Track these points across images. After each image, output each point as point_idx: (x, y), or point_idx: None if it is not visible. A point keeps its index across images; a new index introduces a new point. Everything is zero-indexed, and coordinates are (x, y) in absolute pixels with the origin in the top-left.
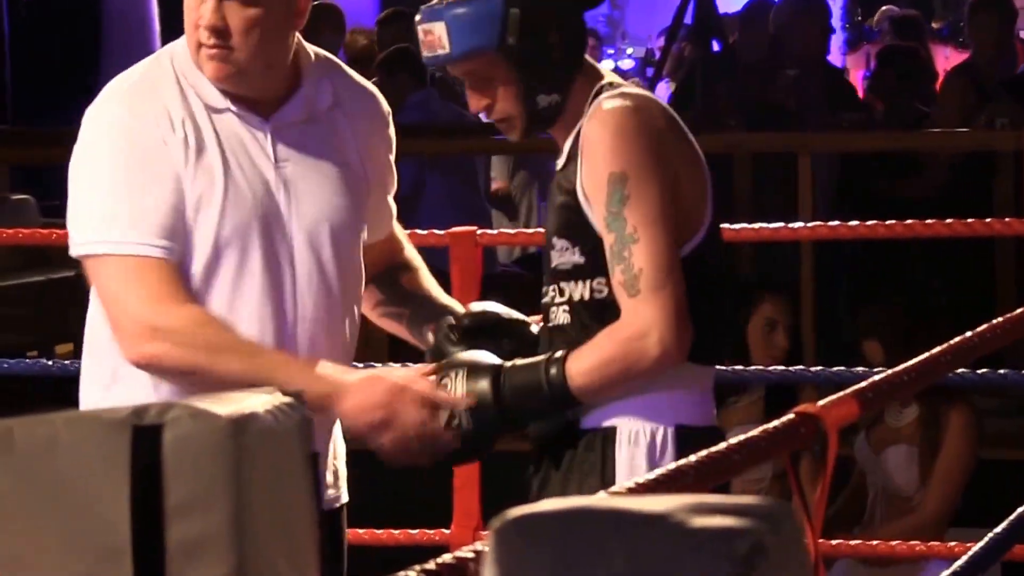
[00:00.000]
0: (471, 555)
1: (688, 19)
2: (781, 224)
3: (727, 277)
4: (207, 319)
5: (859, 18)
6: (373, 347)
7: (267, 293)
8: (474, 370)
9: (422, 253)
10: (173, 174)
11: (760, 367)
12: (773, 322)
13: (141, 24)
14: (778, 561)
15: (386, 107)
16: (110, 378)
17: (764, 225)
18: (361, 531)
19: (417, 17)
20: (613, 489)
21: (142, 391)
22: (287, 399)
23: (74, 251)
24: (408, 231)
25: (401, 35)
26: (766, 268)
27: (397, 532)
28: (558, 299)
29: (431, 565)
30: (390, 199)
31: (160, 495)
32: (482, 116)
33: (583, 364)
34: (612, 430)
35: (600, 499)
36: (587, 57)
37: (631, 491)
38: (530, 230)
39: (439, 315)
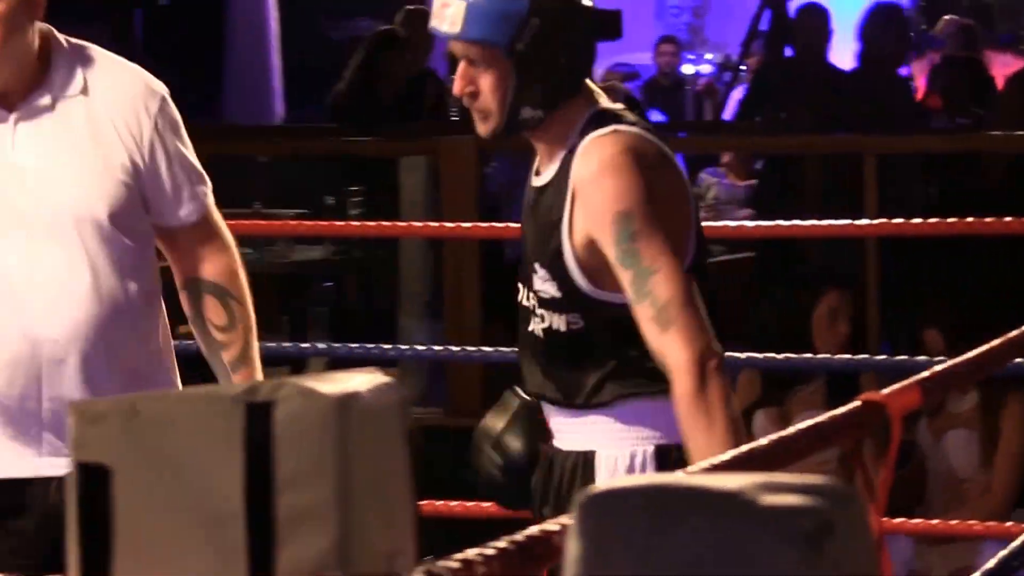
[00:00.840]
0: (557, 528)
1: (763, 26)
2: (847, 221)
3: (711, 300)
4: None
5: (924, 27)
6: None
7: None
8: None
9: (517, 248)
10: None
11: (825, 355)
12: (836, 312)
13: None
14: (844, 538)
15: (153, 89)
16: None
17: (831, 222)
18: (453, 503)
19: None
20: (690, 469)
21: None
22: (388, 379)
23: None
24: (503, 224)
25: None
26: (832, 262)
27: (486, 504)
28: (537, 310)
29: (520, 537)
30: (182, 187)
31: (271, 467)
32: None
33: (704, 454)
34: (592, 455)
35: (677, 477)
36: (588, 85)
37: (706, 471)
38: None
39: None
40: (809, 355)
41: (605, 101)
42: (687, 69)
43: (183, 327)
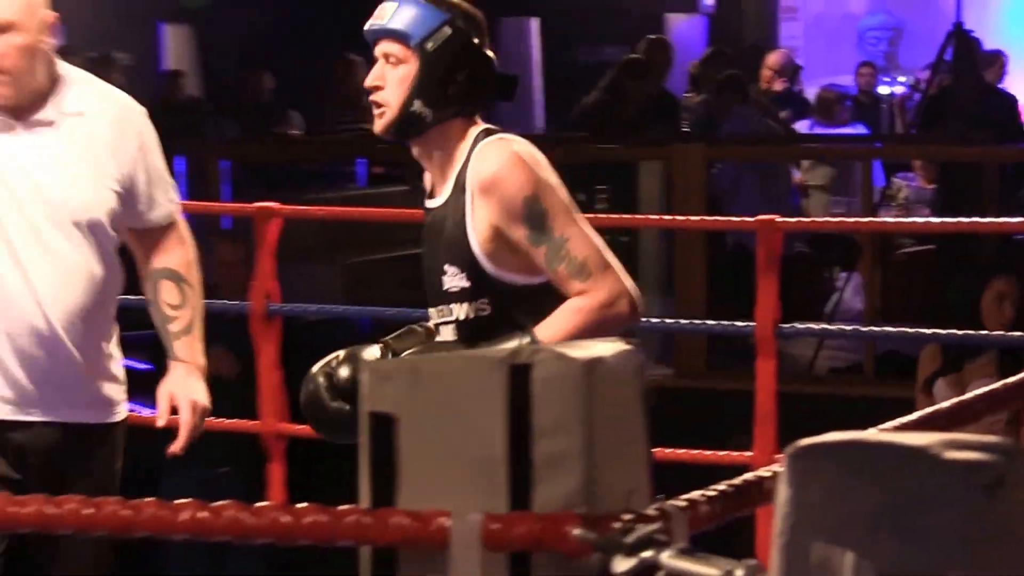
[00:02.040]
0: (769, 474)
1: (948, 55)
2: (1018, 219)
3: None
4: None
5: None
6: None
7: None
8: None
9: (736, 237)
10: None
11: (998, 332)
12: (1003, 296)
13: (525, 51)
14: (1014, 489)
15: (137, 112)
16: None
17: (1007, 219)
18: (680, 451)
19: None
20: (883, 426)
21: None
22: (628, 347)
23: None
24: (725, 218)
25: (723, 65)
26: (1008, 254)
27: (708, 453)
28: (447, 318)
29: (736, 482)
30: (156, 193)
31: (529, 419)
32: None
33: (552, 333)
34: None
35: (872, 434)
36: (478, 117)
37: (896, 429)
38: (821, 218)
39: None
40: (984, 332)
41: (489, 127)
42: (883, 90)
43: None
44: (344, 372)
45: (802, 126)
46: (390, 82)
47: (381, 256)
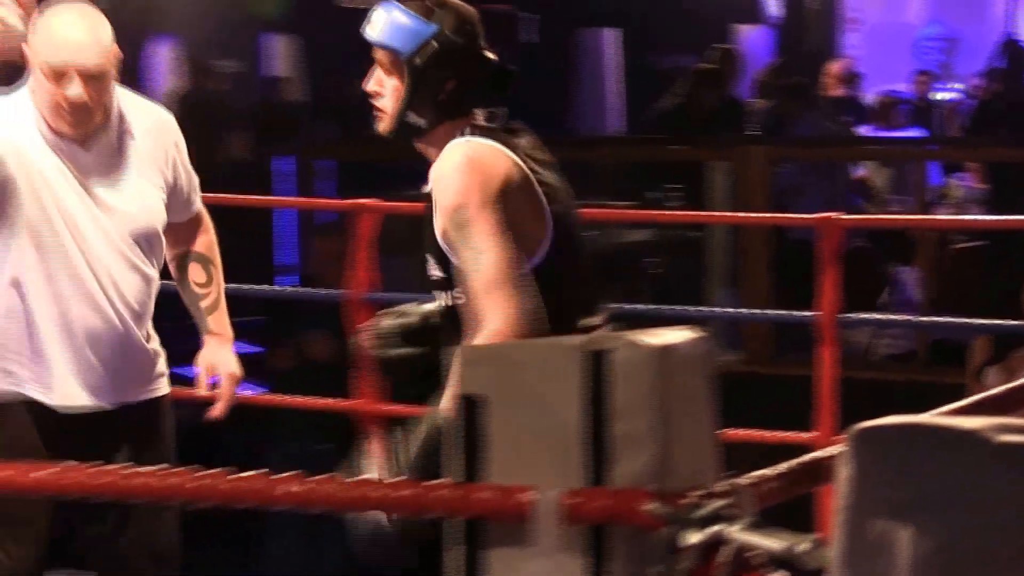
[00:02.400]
0: (830, 454)
1: (999, 64)
2: None
3: (576, 280)
4: None
5: None
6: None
7: (71, 260)
8: None
9: (799, 233)
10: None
11: None
12: None
13: (601, 59)
14: None
15: (172, 122)
16: None
17: None
18: (747, 432)
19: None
20: (937, 410)
21: None
22: (698, 334)
23: None
24: (788, 214)
25: (791, 72)
26: None
27: (773, 434)
28: (437, 303)
29: (802, 460)
30: (189, 191)
31: (605, 401)
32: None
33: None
34: None
35: (929, 417)
36: (475, 112)
37: (950, 413)
38: (879, 216)
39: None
40: None
41: (480, 127)
42: (937, 96)
43: None
44: (388, 321)
45: (861, 130)
46: (386, 90)
47: None
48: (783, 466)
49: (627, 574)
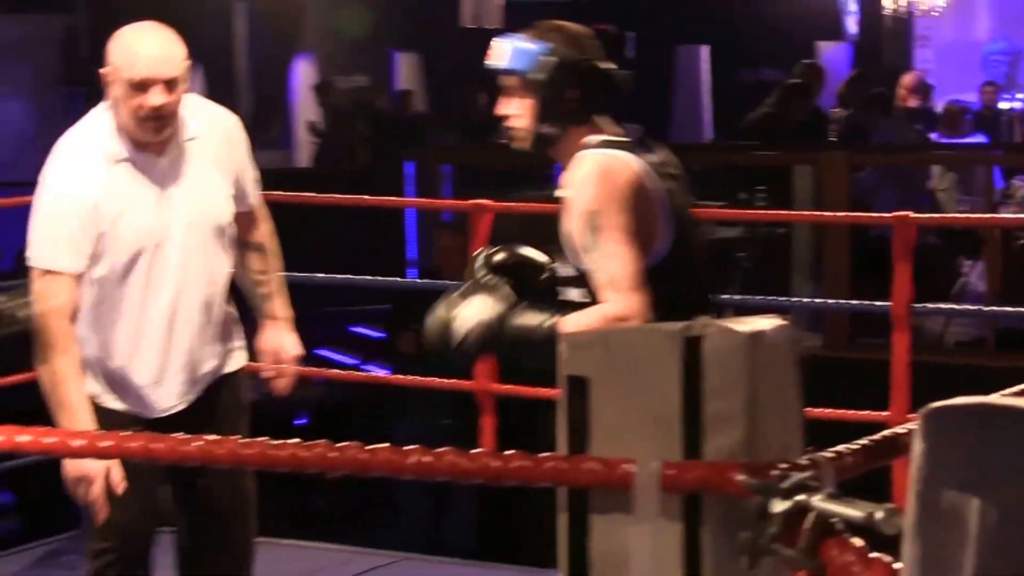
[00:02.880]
0: (904, 431)
1: None
2: None
3: (693, 278)
4: None
5: None
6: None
7: (164, 294)
8: (489, 298)
9: (875, 231)
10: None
11: None
12: None
13: (696, 74)
14: None
15: (236, 123)
16: None
17: None
18: (828, 410)
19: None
20: (1006, 391)
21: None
22: (784, 322)
23: None
24: (867, 214)
25: (866, 86)
26: None
27: (852, 412)
28: (561, 295)
29: (877, 437)
30: (249, 185)
31: (700, 382)
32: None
33: (575, 323)
34: None
35: (995, 398)
36: (599, 118)
37: (1015, 394)
38: (949, 215)
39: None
40: None
41: (610, 134)
42: (1003, 105)
43: None
44: (499, 256)
45: (931, 137)
46: (516, 111)
47: None
48: (860, 442)
49: (719, 539)
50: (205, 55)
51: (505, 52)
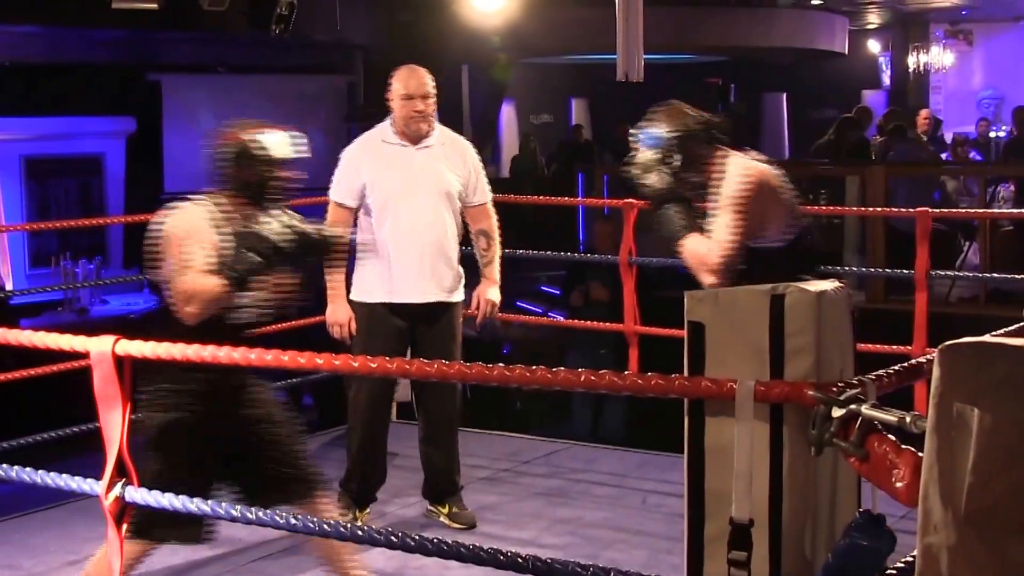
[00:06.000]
0: (926, 361)
1: None
2: None
3: (804, 254)
4: None
5: None
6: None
7: (408, 221)
8: None
9: (898, 223)
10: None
11: None
12: None
13: (778, 113)
14: None
15: (468, 144)
16: None
17: None
18: (869, 345)
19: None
20: (994, 333)
21: None
22: (840, 284)
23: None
24: (896, 208)
25: (896, 120)
26: None
27: (886, 347)
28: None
29: (905, 364)
30: (479, 186)
31: (782, 326)
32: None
33: (691, 239)
34: None
35: (991, 337)
36: (723, 147)
37: (1005, 335)
38: (953, 210)
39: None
40: None
41: (737, 152)
42: (992, 134)
43: None
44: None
45: (943, 156)
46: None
47: None
48: (894, 368)
49: (796, 435)
50: (441, 102)
51: (639, 146)
